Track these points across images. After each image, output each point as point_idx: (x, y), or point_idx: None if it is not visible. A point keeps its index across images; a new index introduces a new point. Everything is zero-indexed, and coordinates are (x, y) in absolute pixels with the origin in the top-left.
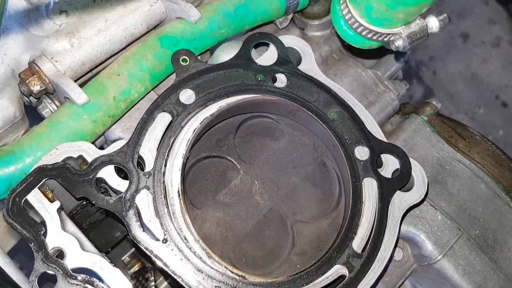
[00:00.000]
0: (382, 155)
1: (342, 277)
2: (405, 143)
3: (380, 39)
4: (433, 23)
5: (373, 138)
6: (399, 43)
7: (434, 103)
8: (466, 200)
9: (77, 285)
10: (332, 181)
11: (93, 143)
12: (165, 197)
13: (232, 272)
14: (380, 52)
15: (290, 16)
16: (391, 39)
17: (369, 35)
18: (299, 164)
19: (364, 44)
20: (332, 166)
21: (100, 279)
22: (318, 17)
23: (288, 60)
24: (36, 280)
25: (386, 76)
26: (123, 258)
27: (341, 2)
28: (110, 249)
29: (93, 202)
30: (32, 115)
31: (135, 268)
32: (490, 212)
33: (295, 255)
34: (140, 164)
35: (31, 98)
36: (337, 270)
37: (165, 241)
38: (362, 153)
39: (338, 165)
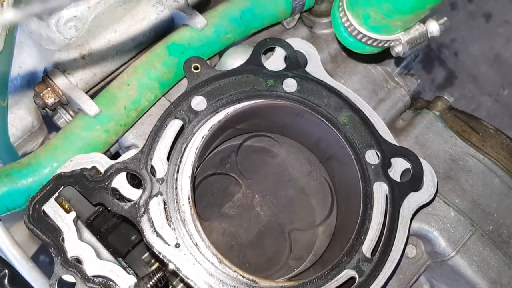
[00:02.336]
0: (390, 162)
1: (352, 278)
2: (417, 139)
3: (380, 45)
4: (433, 27)
5: (384, 142)
6: (398, 49)
7: (446, 97)
8: (479, 195)
9: None
10: (325, 192)
11: (107, 150)
12: (177, 203)
13: (243, 277)
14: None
15: (297, 16)
16: (391, 45)
17: (369, 42)
18: (294, 177)
19: (365, 49)
20: (324, 178)
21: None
22: (325, 15)
23: (298, 64)
24: (56, 283)
25: (396, 72)
26: (143, 257)
27: (340, 9)
28: (131, 248)
29: (109, 208)
30: (50, 122)
31: (155, 266)
32: (504, 207)
33: (292, 260)
34: (153, 170)
35: (46, 109)
36: (347, 273)
37: (177, 245)
38: (372, 157)
39: (348, 169)
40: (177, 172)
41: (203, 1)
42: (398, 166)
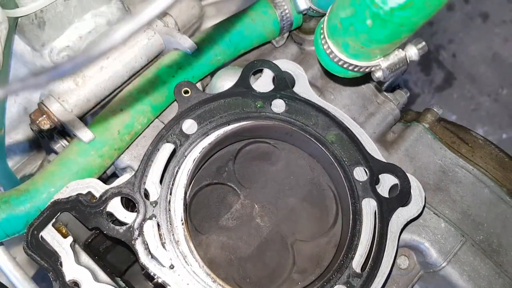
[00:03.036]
0: (378, 178)
1: None
2: (407, 152)
3: (361, 70)
4: (412, 52)
5: (372, 158)
6: (379, 75)
7: (435, 109)
8: (469, 206)
9: None
10: (329, 200)
11: (104, 172)
12: (171, 224)
13: None
14: None
15: (286, 35)
16: (372, 70)
17: (350, 67)
18: (296, 185)
19: (347, 74)
20: (328, 185)
21: None
22: (314, 32)
23: (286, 85)
24: None
25: (385, 86)
26: (143, 272)
27: (321, 37)
28: (130, 264)
29: (105, 232)
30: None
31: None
32: (494, 216)
33: (296, 273)
34: (147, 193)
35: (43, 134)
36: None
37: (171, 267)
38: (361, 174)
39: (337, 186)
40: (170, 194)
41: (194, 26)
42: (386, 182)
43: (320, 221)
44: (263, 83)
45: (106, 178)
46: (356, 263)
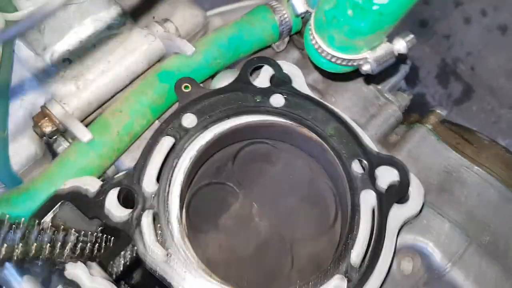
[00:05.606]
0: (377, 171)
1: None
2: (410, 153)
3: (349, 64)
4: (400, 45)
5: (371, 151)
6: (366, 67)
7: (438, 111)
8: (475, 206)
9: None
10: (328, 200)
11: (104, 173)
12: (168, 217)
13: None
14: None
15: (286, 39)
16: (360, 63)
17: (338, 62)
18: (295, 185)
19: (337, 69)
20: (328, 185)
21: None
22: None
23: (284, 81)
24: None
25: (387, 88)
26: None
27: (310, 33)
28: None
29: (104, 221)
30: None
31: None
32: (501, 217)
33: (295, 273)
34: (146, 185)
35: (46, 138)
36: (336, 283)
37: (167, 259)
38: (359, 166)
39: (336, 184)
40: (169, 186)
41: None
42: (386, 177)
43: (319, 221)
44: (263, 79)
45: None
46: (356, 254)
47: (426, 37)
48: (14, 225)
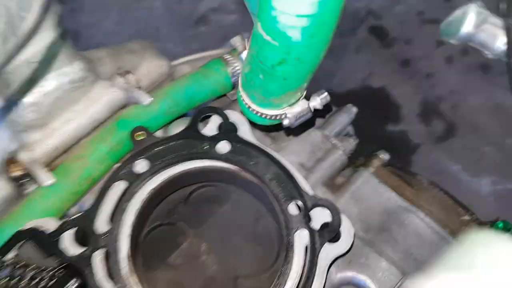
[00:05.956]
0: (312, 212)
1: None
2: (353, 194)
3: (273, 118)
4: (315, 102)
5: (306, 194)
6: (286, 122)
7: (381, 156)
8: (412, 245)
9: None
10: (271, 239)
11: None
12: (118, 256)
13: None
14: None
15: None
16: (282, 117)
17: (263, 116)
18: (241, 224)
19: (264, 122)
20: (272, 224)
21: None
22: None
23: (231, 130)
24: None
25: (333, 134)
26: None
27: (239, 89)
28: None
29: (60, 257)
30: None
31: None
32: (436, 256)
33: None
34: (99, 226)
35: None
36: None
37: None
38: (296, 208)
39: (278, 224)
40: (119, 227)
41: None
42: (319, 218)
43: (262, 258)
44: (211, 127)
45: None
46: None
47: (408, 76)
48: None
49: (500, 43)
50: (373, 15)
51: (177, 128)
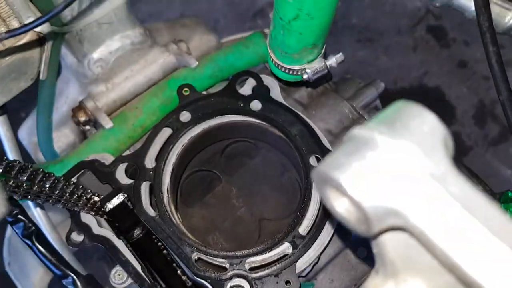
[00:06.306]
0: None
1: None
2: None
3: (294, 73)
4: (332, 61)
5: (326, 149)
6: (305, 76)
7: None
8: None
9: None
10: (295, 191)
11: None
12: (160, 188)
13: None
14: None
15: None
16: (302, 73)
17: (286, 71)
18: (269, 176)
19: (289, 78)
20: (296, 179)
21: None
22: None
23: (263, 91)
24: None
25: (361, 105)
26: None
27: (268, 49)
28: None
29: (113, 186)
30: None
31: None
32: None
33: (259, 244)
34: (146, 163)
35: (81, 125)
36: (284, 248)
37: (157, 218)
38: (315, 160)
39: (297, 172)
40: (164, 165)
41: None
42: None
43: (285, 206)
44: (246, 89)
45: None
46: (303, 228)
47: (465, 78)
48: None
49: None
50: (432, 14)
51: (217, 89)
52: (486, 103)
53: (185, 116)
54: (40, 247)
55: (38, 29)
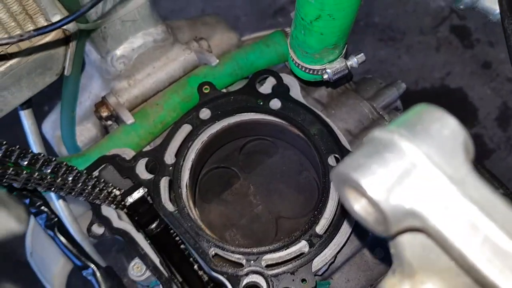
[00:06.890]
0: None
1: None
2: None
3: (315, 73)
4: (352, 61)
5: (345, 149)
6: (325, 76)
7: None
8: None
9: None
10: (312, 190)
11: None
12: (179, 183)
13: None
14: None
15: None
16: (322, 73)
17: (306, 71)
18: (287, 174)
19: (309, 77)
20: (314, 178)
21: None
22: None
23: (283, 90)
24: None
25: (381, 106)
26: None
27: (289, 49)
28: None
29: (133, 180)
30: None
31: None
32: None
33: (276, 242)
34: (166, 159)
35: (103, 120)
36: (301, 247)
37: (175, 212)
38: (334, 160)
39: (319, 172)
40: (183, 161)
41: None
42: None
43: (303, 205)
44: (266, 87)
45: None
46: (320, 227)
47: (489, 79)
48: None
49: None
50: (456, 14)
51: (237, 87)
52: (509, 105)
53: (205, 113)
54: (62, 238)
55: (64, 26)
